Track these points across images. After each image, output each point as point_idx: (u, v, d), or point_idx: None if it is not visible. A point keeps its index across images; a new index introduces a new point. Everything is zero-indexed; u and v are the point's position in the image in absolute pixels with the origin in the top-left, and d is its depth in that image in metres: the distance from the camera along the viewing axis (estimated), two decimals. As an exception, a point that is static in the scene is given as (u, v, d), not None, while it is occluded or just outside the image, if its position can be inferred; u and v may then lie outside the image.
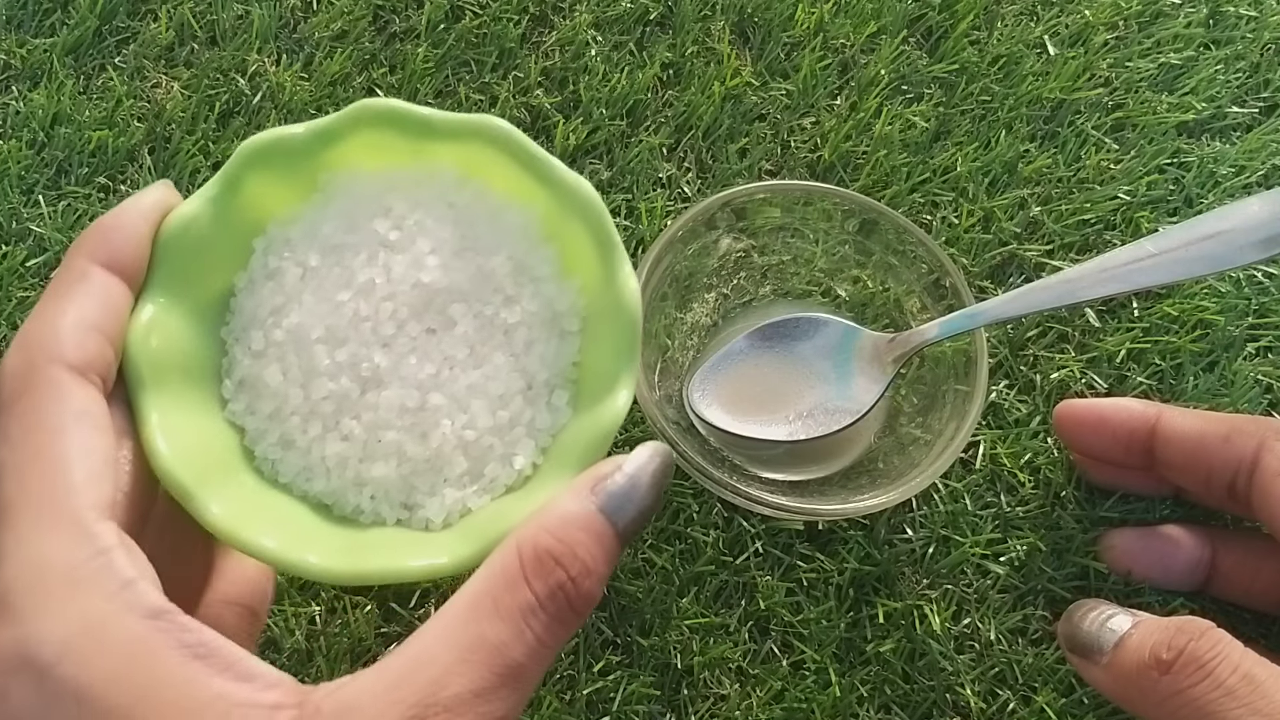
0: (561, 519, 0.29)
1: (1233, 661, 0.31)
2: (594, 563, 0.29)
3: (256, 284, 0.34)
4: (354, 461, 0.33)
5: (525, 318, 0.34)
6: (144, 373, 0.31)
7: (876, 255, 0.44)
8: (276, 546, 0.30)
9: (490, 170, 0.35)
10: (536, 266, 0.35)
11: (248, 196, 0.34)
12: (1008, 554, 0.42)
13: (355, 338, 0.33)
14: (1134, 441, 0.41)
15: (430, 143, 0.35)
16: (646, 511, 0.31)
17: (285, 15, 0.52)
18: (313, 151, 0.35)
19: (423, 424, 0.33)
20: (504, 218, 0.35)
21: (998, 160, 0.50)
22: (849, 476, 0.42)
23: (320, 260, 0.34)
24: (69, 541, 0.26)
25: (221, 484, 0.31)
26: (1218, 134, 0.52)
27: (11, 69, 0.50)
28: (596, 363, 0.34)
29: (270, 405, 0.33)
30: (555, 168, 0.34)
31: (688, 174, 0.49)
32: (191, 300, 0.33)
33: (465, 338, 0.34)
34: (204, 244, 0.33)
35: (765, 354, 0.44)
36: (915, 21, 0.53)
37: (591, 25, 0.52)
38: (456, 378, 0.33)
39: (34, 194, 0.47)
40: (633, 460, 0.31)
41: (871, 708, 0.40)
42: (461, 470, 0.33)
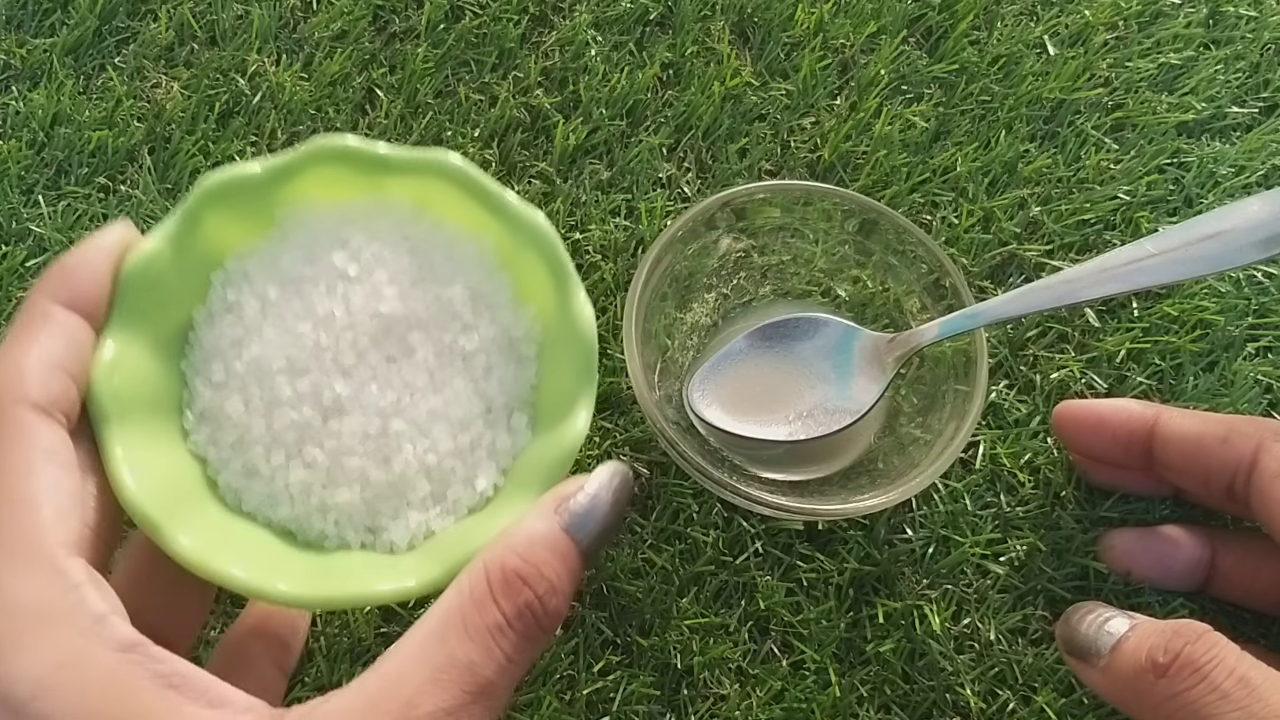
0: (528, 539, 0.30)
1: (1228, 665, 0.31)
2: (559, 581, 0.30)
3: (216, 317, 0.35)
4: (318, 488, 0.33)
5: (483, 344, 0.35)
6: (108, 408, 0.31)
7: (876, 255, 0.44)
8: (245, 575, 0.31)
9: (444, 203, 0.36)
10: (492, 294, 0.36)
11: (206, 232, 0.35)
12: (1008, 554, 0.42)
13: (316, 367, 0.34)
14: (1133, 442, 0.41)
15: (385, 177, 0.36)
16: (609, 529, 0.31)
17: (285, 15, 0.52)
18: (269, 187, 0.35)
19: (385, 449, 0.34)
20: (459, 248, 0.36)
21: (998, 160, 0.50)
22: (849, 476, 0.42)
23: (279, 293, 0.35)
24: (40, 579, 0.27)
25: (188, 515, 0.32)
26: (1218, 134, 0.52)
27: (11, 69, 0.50)
28: (555, 386, 0.35)
29: (233, 435, 0.34)
30: (508, 200, 0.35)
31: (687, 174, 0.49)
32: (152, 334, 0.34)
33: (425, 364, 0.35)
34: (164, 279, 0.34)
35: (765, 354, 0.44)
36: (915, 21, 0.53)
37: (591, 25, 0.52)
38: (417, 404, 0.34)
39: (34, 194, 0.47)
40: (594, 480, 0.31)
41: (871, 708, 0.40)
42: (424, 493, 0.34)
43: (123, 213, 0.47)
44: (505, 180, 0.49)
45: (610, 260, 0.47)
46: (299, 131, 0.49)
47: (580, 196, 0.48)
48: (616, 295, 0.46)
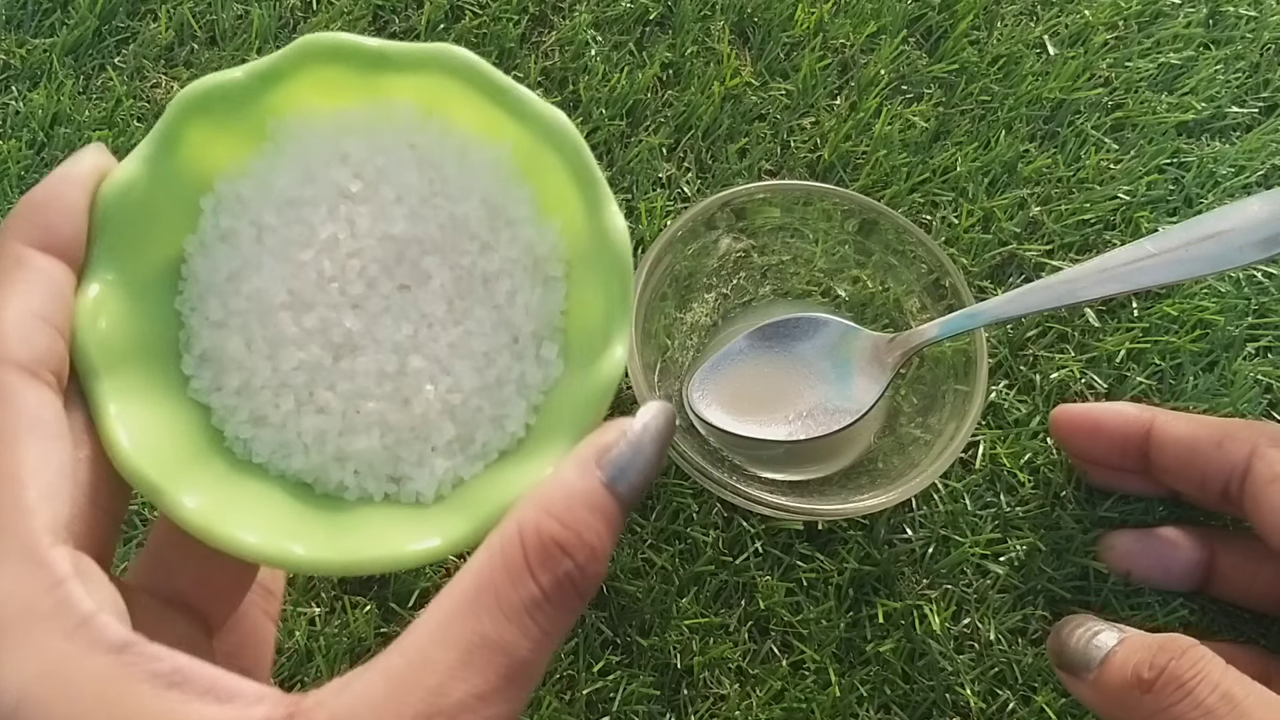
0: (567, 499, 0.27)
1: (1212, 681, 0.31)
2: (601, 544, 0.27)
3: (209, 247, 0.31)
4: (333, 435, 0.30)
5: (505, 265, 0.32)
6: (95, 360, 0.28)
7: (876, 255, 0.44)
8: (258, 541, 0.28)
9: (453, 104, 0.32)
10: (512, 208, 0.32)
11: (189, 151, 0.31)
12: (1007, 554, 0.42)
13: (323, 300, 0.30)
14: (1129, 446, 0.41)
15: (385, 76, 0.32)
16: (651, 477, 0.28)
17: (285, 15, 0.52)
18: (256, 95, 0.31)
19: (404, 390, 0.30)
20: (472, 156, 0.32)
21: (997, 160, 0.50)
22: (849, 476, 0.42)
23: (277, 217, 0.31)
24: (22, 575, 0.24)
25: (193, 474, 0.29)
26: (1217, 134, 0.52)
27: (11, 69, 0.50)
28: (586, 311, 0.32)
29: (237, 379, 0.31)
30: (525, 98, 0.31)
31: (687, 174, 0.49)
32: (139, 272, 0.30)
33: (442, 292, 0.31)
34: (146, 209, 0.30)
35: (765, 354, 0.44)
36: (915, 21, 0.53)
37: (591, 25, 0.52)
38: (436, 336, 0.31)
39: (34, 194, 0.47)
40: (638, 423, 0.28)
41: (871, 708, 0.40)
42: (449, 437, 0.31)
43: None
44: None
45: (610, 260, 0.47)
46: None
47: (580, 196, 0.48)
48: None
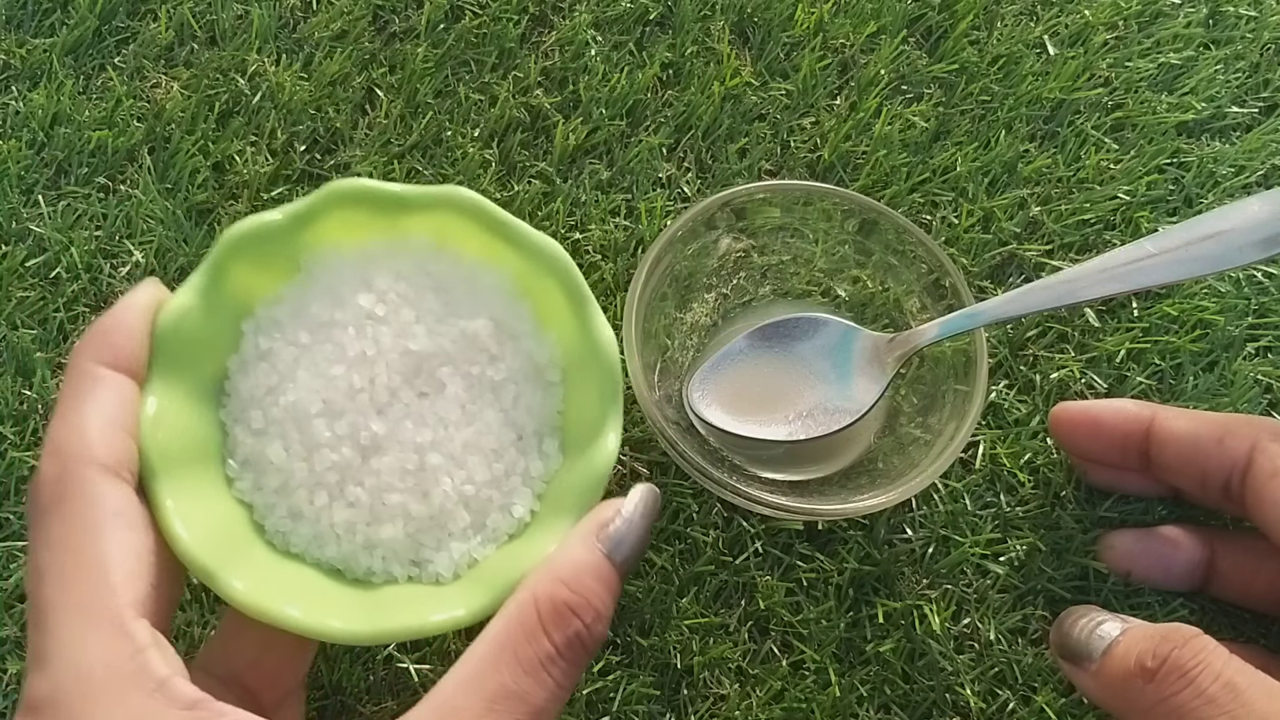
0: (575, 568, 0.31)
1: (1214, 670, 0.31)
2: (604, 607, 0.31)
3: (250, 365, 0.36)
4: (362, 525, 0.35)
5: (510, 373, 0.37)
6: (155, 463, 0.32)
7: (876, 255, 0.44)
8: (301, 615, 0.32)
9: (462, 236, 0.38)
10: (515, 323, 0.37)
11: (233, 281, 0.36)
12: (1007, 554, 0.42)
13: (352, 408, 0.35)
14: (1129, 444, 0.41)
15: (403, 215, 0.37)
16: (642, 548, 0.33)
17: (285, 15, 0.52)
18: (292, 233, 0.36)
19: (424, 484, 0.35)
20: (480, 280, 0.38)
21: (997, 160, 0.50)
22: (849, 476, 0.42)
23: (311, 337, 0.36)
24: (110, 643, 0.28)
25: (240, 560, 0.33)
26: (1217, 134, 0.52)
27: (11, 69, 0.50)
28: (581, 409, 0.37)
29: (276, 480, 0.35)
30: (523, 230, 0.37)
31: (687, 174, 0.49)
32: (188, 386, 0.35)
33: (456, 398, 0.36)
34: (196, 332, 0.35)
35: (765, 354, 0.44)
36: (915, 21, 0.53)
37: (591, 25, 0.52)
38: (451, 437, 0.35)
39: (34, 194, 0.47)
40: (629, 503, 0.33)
41: (871, 708, 0.40)
42: (465, 524, 0.35)
43: (122, 212, 0.47)
44: (505, 180, 0.49)
45: (610, 260, 0.47)
46: (298, 131, 0.49)
47: (580, 196, 0.48)
48: (616, 295, 0.46)
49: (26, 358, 0.44)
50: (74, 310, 0.45)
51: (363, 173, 0.48)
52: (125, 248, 0.46)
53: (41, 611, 0.29)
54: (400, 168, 0.48)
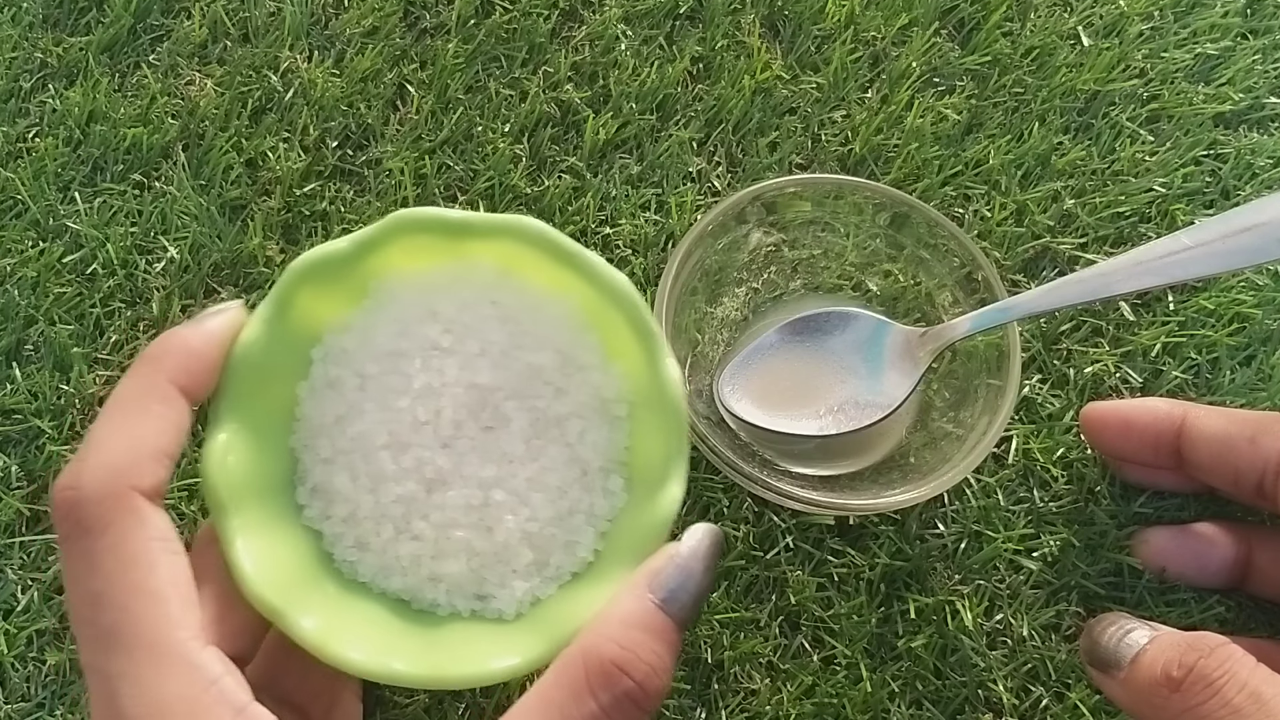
0: (622, 622, 0.30)
1: (1240, 680, 0.31)
2: (659, 661, 0.30)
3: (318, 393, 0.36)
4: (427, 559, 0.35)
5: (575, 408, 0.36)
6: (225, 500, 0.33)
7: (908, 249, 0.44)
8: (363, 659, 0.32)
9: (528, 265, 0.37)
10: (581, 356, 0.36)
11: (300, 310, 0.36)
12: (1040, 549, 0.42)
13: (417, 441, 0.35)
14: (1161, 444, 0.40)
15: (468, 242, 0.37)
16: (703, 595, 0.32)
17: (317, 12, 0.52)
18: (357, 260, 0.36)
19: (488, 519, 0.35)
20: (545, 311, 0.37)
21: (1031, 153, 0.49)
22: (880, 471, 0.42)
23: (378, 368, 0.36)
24: (182, 676, 0.28)
25: (307, 594, 0.33)
26: (1255, 125, 0.51)
27: (48, 67, 0.50)
28: (646, 448, 0.36)
29: (344, 510, 0.35)
30: (590, 260, 0.36)
31: (718, 168, 0.49)
32: (257, 415, 0.35)
33: (521, 433, 0.35)
34: (265, 362, 0.35)
35: (796, 348, 0.44)
36: (947, 13, 0.53)
37: (621, 19, 0.52)
38: (515, 472, 0.35)
39: (70, 191, 0.48)
40: (684, 546, 0.32)
41: (903, 703, 0.40)
42: (528, 561, 0.35)
43: (157, 209, 0.47)
44: (535, 175, 0.49)
45: (640, 255, 0.47)
46: (330, 127, 0.49)
47: (610, 191, 0.48)
48: (647, 290, 0.46)
49: (64, 353, 0.44)
50: (110, 306, 0.45)
51: (394, 168, 0.48)
52: (160, 244, 0.47)
53: (105, 641, 0.29)
54: (431, 163, 0.48)
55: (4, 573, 0.41)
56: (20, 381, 0.44)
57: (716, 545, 0.32)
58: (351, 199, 0.48)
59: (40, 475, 0.42)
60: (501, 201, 0.48)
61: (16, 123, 0.49)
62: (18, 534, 0.41)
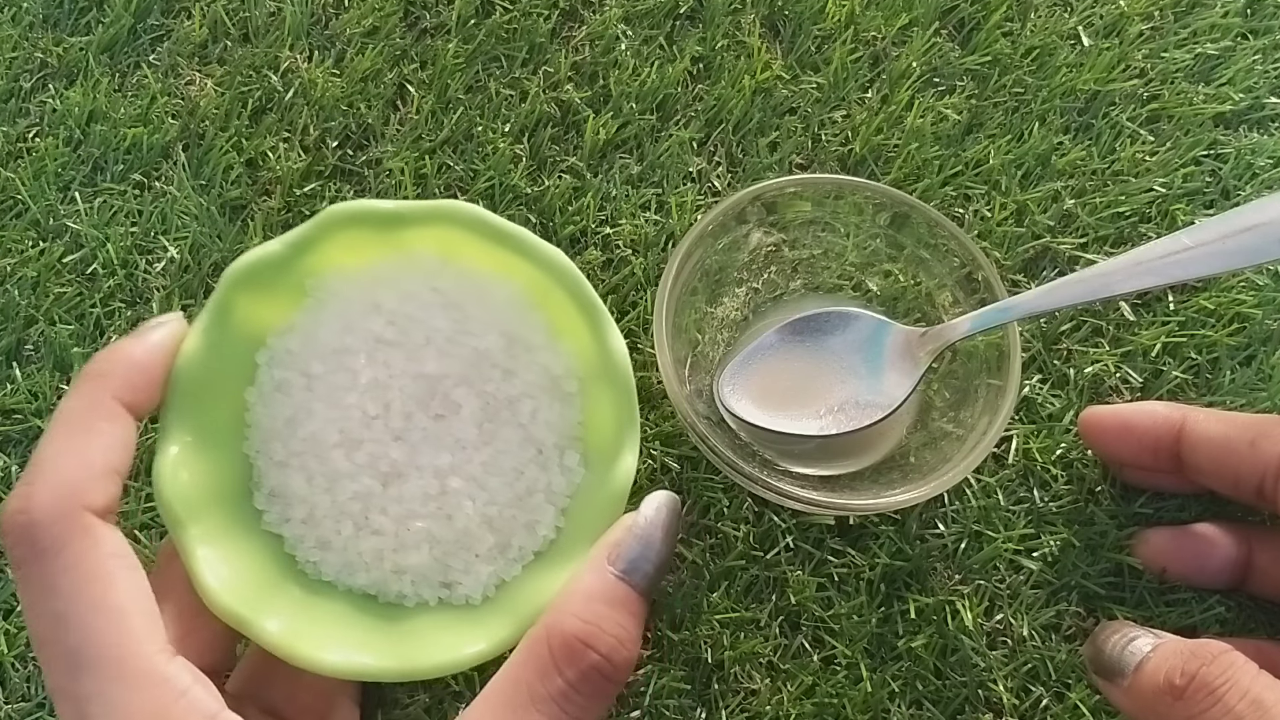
0: (585, 597, 0.31)
1: (1242, 687, 0.31)
2: (624, 632, 0.31)
3: (267, 396, 0.36)
4: (389, 553, 0.35)
5: (525, 388, 0.36)
6: (180, 512, 0.33)
7: (908, 249, 0.44)
8: (331, 658, 0.32)
9: (469, 250, 0.37)
10: (529, 335, 0.37)
11: (241, 316, 0.36)
12: (1040, 549, 0.42)
13: (369, 437, 0.35)
14: (1160, 447, 0.40)
15: (404, 232, 0.36)
16: (664, 563, 0.32)
17: (317, 12, 0.52)
18: (293, 260, 0.36)
19: (447, 507, 0.35)
20: (489, 294, 0.37)
21: (1031, 153, 0.49)
22: (880, 471, 0.42)
23: (323, 366, 0.36)
24: (151, 690, 0.28)
25: (272, 599, 0.33)
26: (1255, 125, 0.51)
27: (48, 67, 0.50)
28: (600, 422, 0.36)
29: (302, 511, 0.35)
30: (529, 240, 0.36)
31: (718, 168, 0.49)
32: (206, 424, 0.35)
33: (472, 418, 0.36)
34: (209, 372, 0.35)
35: (796, 348, 0.44)
36: (947, 13, 0.53)
37: (621, 19, 0.52)
38: (470, 458, 0.35)
39: (70, 191, 0.48)
40: (641, 517, 0.32)
41: (903, 703, 0.40)
42: (489, 544, 0.35)
43: (157, 209, 0.47)
44: (536, 175, 0.49)
45: (640, 255, 0.47)
46: (331, 127, 0.49)
47: (610, 191, 0.48)
48: (647, 290, 0.46)
49: (64, 353, 0.44)
50: (110, 306, 0.45)
51: (394, 168, 0.48)
52: (160, 244, 0.47)
53: (70, 662, 0.29)
54: (431, 163, 0.48)
55: (4, 573, 0.41)
56: (20, 381, 0.44)
57: (675, 513, 0.33)
58: (352, 199, 0.48)
59: (40, 475, 0.42)
60: (501, 201, 0.48)
61: (16, 123, 0.49)
62: (18, 534, 0.41)
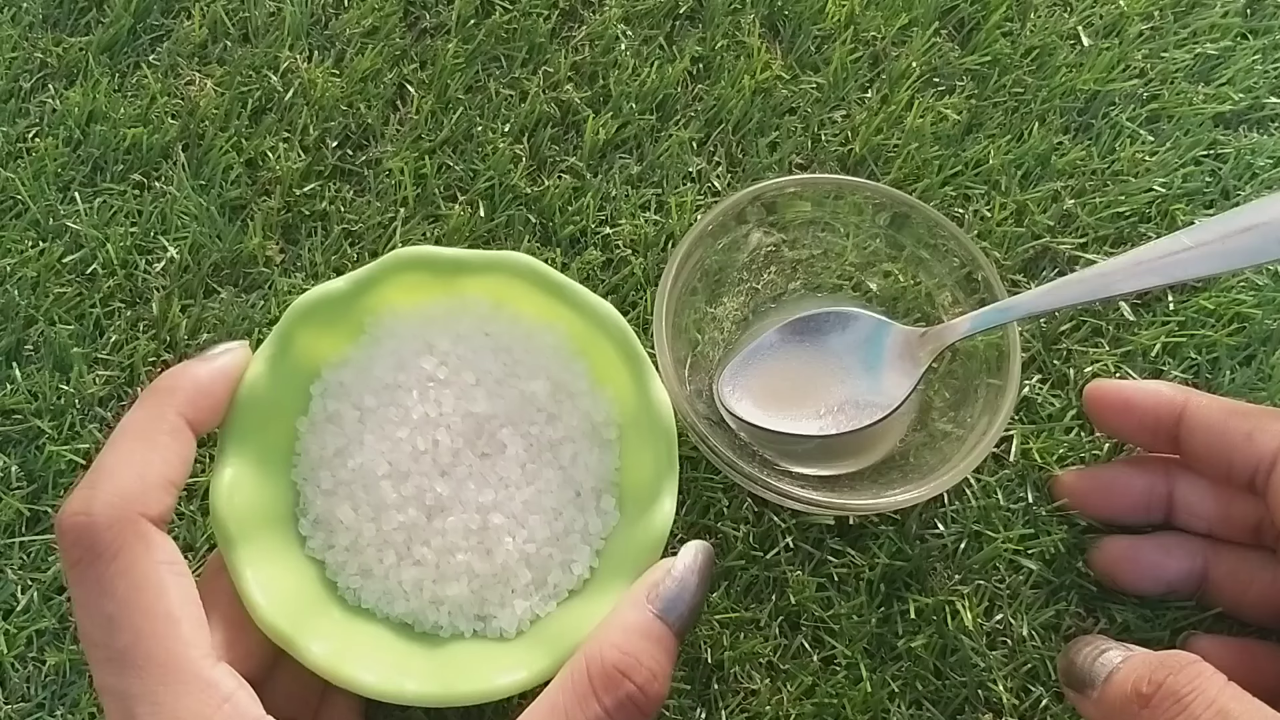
0: (624, 631, 0.32)
1: (1208, 697, 0.31)
2: (659, 667, 0.32)
3: (318, 426, 0.37)
4: (429, 583, 0.36)
5: (568, 432, 0.38)
6: (233, 532, 0.34)
7: (908, 249, 0.44)
8: (375, 680, 0.33)
9: (518, 297, 0.39)
10: (572, 382, 0.38)
11: (299, 347, 0.37)
12: (1040, 549, 0.42)
13: (417, 470, 0.36)
14: (1160, 427, 0.40)
15: (461, 278, 0.38)
16: (698, 606, 0.34)
17: (317, 12, 0.52)
18: (354, 298, 0.38)
19: (487, 543, 0.36)
20: (537, 340, 0.39)
21: (1031, 153, 0.49)
22: (880, 471, 0.42)
23: (376, 400, 0.37)
24: (197, 694, 0.29)
25: (315, 621, 0.34)
26: (1255, 125, 0.51)
27: (48, 67, 0.50)
28: (636, 467, 0.38)
29: (346, 539, 0.36)
30: (579, 292, 0.38)
31: (718, 168, 0.49)
32: (259, 449, 0.36)
33: (516, 458, 0.37)
34: (268, 398, 0.36)
35: (796, 348, 0.44)
36: (947, 13, 0.53)
37: (621, 19, 0.52)
38: (512, 496, 0.37)
39: (70, 191, 0.48)
40: (680, 562, 0.34)
41: (903, 703, 0.40)
42: (526, 581, 0.36)
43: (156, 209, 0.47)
44: (535, 175, 0.49)
45: (640, 255, 0.47)
46: (330, 127, 0.49)
47: (610, 191, 0.48)
48: (647, 290, 0.46)
49: (64, 353, 0.44)
50: (110, 306, 0.45)
51: (394, 168, 0.48)
52: (160, 244, 0.47)
53: (120, 663, 0.30)
54: (431, 163, 0.48)
55: (4, 573, 0.41)
56: (20, 381, 0.44)
57: (710, 560, 0.35)
58: (351, 199, 0.48)
59: (40, 475, 0.42)
60: (501, 201, 0.48)
61: (16, 123, 0.49)
62: (18, 534, 0.41)
